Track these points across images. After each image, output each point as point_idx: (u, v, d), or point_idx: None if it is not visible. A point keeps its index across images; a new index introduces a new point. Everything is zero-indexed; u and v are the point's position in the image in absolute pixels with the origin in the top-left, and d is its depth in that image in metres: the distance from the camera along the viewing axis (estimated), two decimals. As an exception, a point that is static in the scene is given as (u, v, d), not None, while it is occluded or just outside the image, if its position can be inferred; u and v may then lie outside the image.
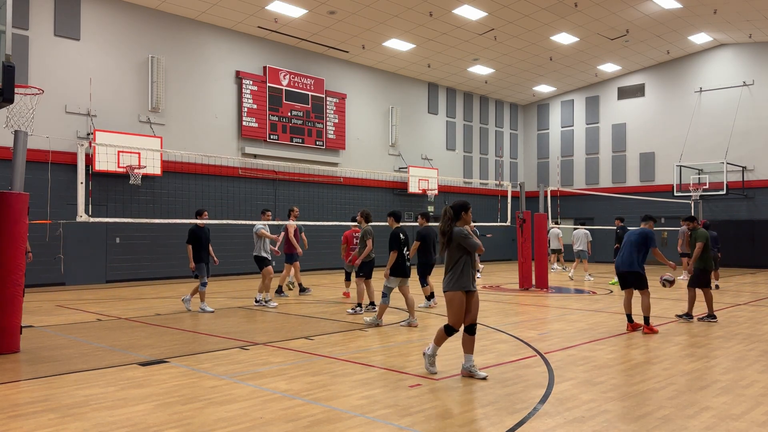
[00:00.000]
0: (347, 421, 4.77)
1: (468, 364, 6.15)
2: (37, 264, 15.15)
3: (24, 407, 5.15)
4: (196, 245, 11.23)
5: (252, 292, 14.78)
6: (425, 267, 11.83)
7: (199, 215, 11.47)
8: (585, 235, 19.17)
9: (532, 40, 23.06)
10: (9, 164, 7.99)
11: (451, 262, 6.16)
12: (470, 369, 6.13)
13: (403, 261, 9.53)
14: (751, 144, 24.94)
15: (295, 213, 13.83)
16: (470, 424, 4.68)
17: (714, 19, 22.18)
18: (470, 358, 6.18)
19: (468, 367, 6.14)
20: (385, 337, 8.51)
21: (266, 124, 20.87)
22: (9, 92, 6.90)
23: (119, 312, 11.26)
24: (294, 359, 7.04)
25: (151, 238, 18.10)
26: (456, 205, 6.26)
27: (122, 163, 16.84)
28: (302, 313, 11.06)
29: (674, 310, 11.33)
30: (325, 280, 18.58)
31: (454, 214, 6.19)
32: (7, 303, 7.35)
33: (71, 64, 16.88)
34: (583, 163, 29.99)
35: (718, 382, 5.98)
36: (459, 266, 6.12)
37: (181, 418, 4.82)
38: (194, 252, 11.23)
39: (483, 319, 10.11)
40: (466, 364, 6.17)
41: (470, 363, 6.16)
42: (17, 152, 7.56)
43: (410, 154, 26.08)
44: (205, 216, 11.50)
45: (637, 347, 7.82)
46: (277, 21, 19.90)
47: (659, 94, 27.57)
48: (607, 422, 4.74)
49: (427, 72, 25.99)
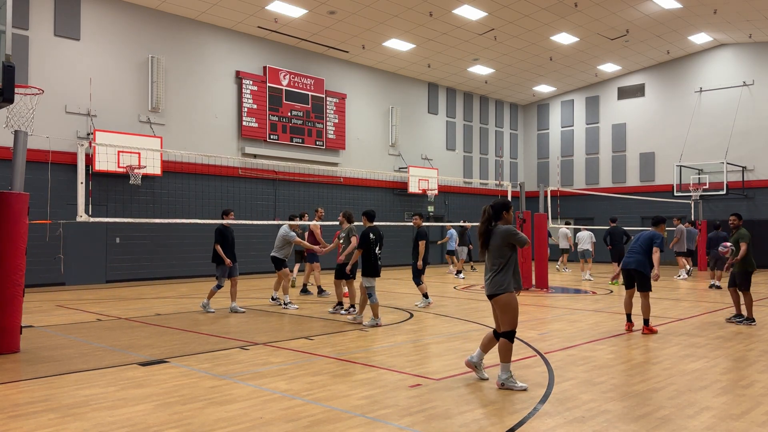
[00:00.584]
0: (347, 421, 4.77)
1: (504, 375, 5.73)
2: (37, 264, 15.18)
3: (24, 407, 5.15)
4: (224, 245, 11.14)
5: (252, 292, 14.79)
6: (423, 266, 11.93)
7: (226, 215, 11.36)
8: (590, 236, 19.29)
9: (532, 40, 23.06)
10: (9, 164, 7.99)
11: (499, 262, 5.80)
12: (506, 381, 5.71)
13: (375, 260, 9.53)
14: (751, 144, 24.94)
15: (320, 213, 13.93)
16: (470, 424, 4.68)
17: (714, 19, 22.18)
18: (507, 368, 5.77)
19: (504, 380, 5.71)
20: (385, 337, 8.51)
21: (266, 124, 20.88)
22: (9, 92, 6.90)
23: (119, 312, 11.26)
24: (294, 359, 7.04)
25: (151, 238, 18.10)
26: (497, 204, 5.96)
27: (122, 163, 16.84)
28: (302, 313, 11.06)
29: (674, 310, 11.34)
30: (325, 280, 18.55)
31: (494, 214, 5.92)
32: (7, 303, 7.35)
33: (71, 64, 16.88)
34: (583, 163, 29.99)
35: (718, 382, 5.98)
36: (510, 265, 5.82)
37: (181, 418, 4.82)
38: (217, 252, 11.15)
39: (483, 320, 10.12)
40: (503, 375, 5.73)
41: (506, 374, 5.75)
42: (17, 152, 7.56)
43: (410, 154, 26.08)
44: (231, 216, 11.45)
45: (637, 347, 7.82)
46: (277, 21, 19.90)
47: (659, 94, 27.57)
48: (607, 422, 4.74)
49: (427, 72, 26.00)
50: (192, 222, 11.97)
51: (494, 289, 5.81)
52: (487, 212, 5.92)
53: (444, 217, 26.80)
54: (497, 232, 5.86)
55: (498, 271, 5.81)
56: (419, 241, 11.88)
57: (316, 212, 14.07)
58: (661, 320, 10.07)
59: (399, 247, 23.77)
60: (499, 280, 5.80)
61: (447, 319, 10.30)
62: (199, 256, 19.05)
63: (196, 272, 19.01)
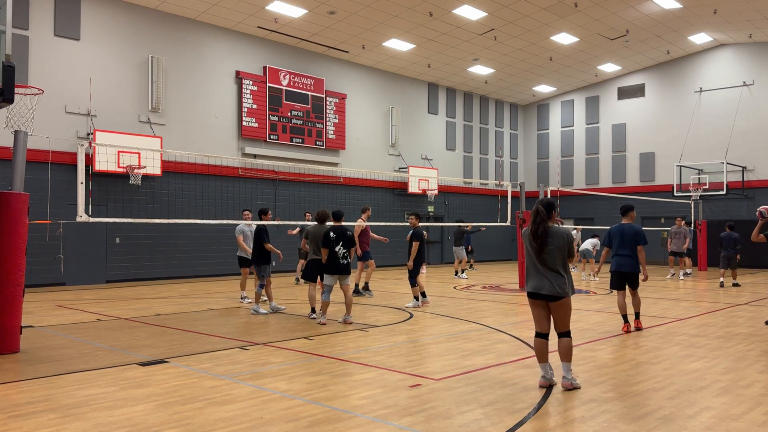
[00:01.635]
0: (347, 421, 4.77)
1: (570, 375, 5.73)
2: (37, 264, 15.18)
3: (24, 407, 5.15)
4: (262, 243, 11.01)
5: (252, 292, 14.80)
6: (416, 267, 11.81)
7: (264, 214, 11.27)
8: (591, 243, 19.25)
9: (532, 40, 23.06)
10: (9, 164, 7.99)
11: (560, 264, 5.71)
12: (573, 381, 5.72)
13: (336, 259, 9.54)
14: (751, 144, 24.94)
15: (368, 213, 13.90)
16: (470, 424, 4.68)
17: (714, 19, 22.18)
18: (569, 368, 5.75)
19: (571, 379, 5.72)
20: (385, 337, 8.51)
21: (266, 124, 20.88)
22: (9, 92, 6.90)
23: (119, 312, 11.26)
24: (294, 359, 7.04)
25: (151, 238, 18.10)
26: (548, 204, 5.75)
27: (122, 163, 16.84)
28: (302, 313, 11.05)
29: (674, 310, 11.34)
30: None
31: (547, 214, 5.73)
32: (7, 303, 7.35)
33: (71, 64, 16.88)
34: (583, 163, 29.99)
35: (718, 382, 5.98)
36: (568, 269, 5.79)
37: (181, 418, 4.82)
38: (259, 250, 11.02)
39: (483, 319, 10.12)
40: (568, 375, 5.72)
41: (571, 374, 5.75)
42: (17, 152, 7.56)
43: (410, 154, 26.08)
44: (269, 217, 11.43)
45: (637, 347, 7.82)
46: (277, 21, 19.90)
47: (659, 94, 27.57)
48: (607, 422, 4.74)
49: (427, 72, 26.00)
50: (192, 222, 11.95)
51: (560, 291, 5.69)
52: (542, 213, 5.72)
53: (444, 217, 26.80)
54: (556, 232, 5.72)
55: (564, 273, 5.72)
56: (413, 241, 11.78)
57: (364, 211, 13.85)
58: (661, 320, 10.07)
59: (399, 247, 23.69)
60: (566, 282, 5.72)
61: (447, 319, 10.30)
62: (199, 256, 19.08)
63: (196, 272, 19.01)
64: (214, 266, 19.35)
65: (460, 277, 19.11)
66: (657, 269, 22.51)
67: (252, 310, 10.96)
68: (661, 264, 25.79)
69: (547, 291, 5.70)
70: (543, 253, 5.70)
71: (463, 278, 18.87)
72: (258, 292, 10.95)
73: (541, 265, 5.75)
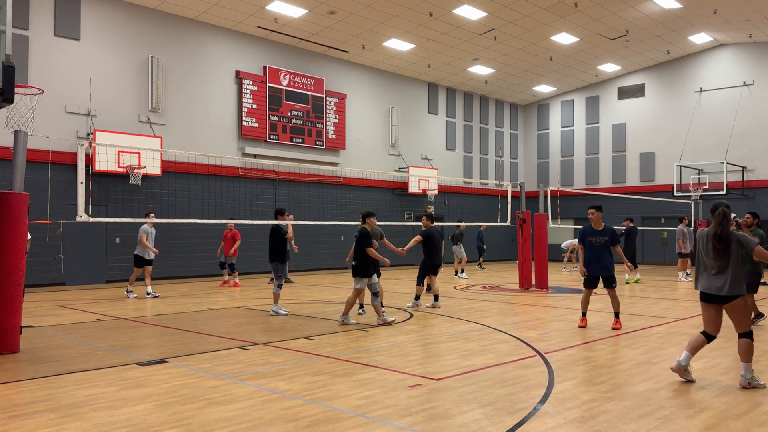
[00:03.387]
0: (347, 421, 4.77)
1: (749, 375, 5.78)
2: (37, 264, 15.18)
3: (24, 407, 5.15)
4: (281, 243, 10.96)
5: (252, 292, 14.80)
6: (430, 267, 11.95)
7: (281, 215, 11.10)
8: None
9: (532, 40, 23.06)
10: (9, 164, 7.99)
11: (737, 264, 5.77)
12: (751, 380, 5.76)
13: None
14: (751, 144, 24.94)
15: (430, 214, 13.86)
16: (470, 424, 4.68)
17: (714, 19, 22.18)
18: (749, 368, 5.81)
19: (749, 378, 5.76)
20: (385, 337, 8.51)
21: (266, 124, 20.88)
22: (9, 92, 6.90)
23: (119, 312, 11.26)
24: (294, 359, 7.04)
25: (151, 238, 18.07)
26: (728, 207, 5.85)
27: (122, 163, 16.85)
28: (302, 313, 11.06)
29: (674, 310, 11.34)
30: (325, 279, 18.58)
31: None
32: (7, 303, 7.35)
33: (71, 64, 16.88)
34: (583, 163, 29.99)
35: (718, 382, 5.98)
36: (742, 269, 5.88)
37: (181, 418, 4.82)
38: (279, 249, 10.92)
39: (483, 319, 10.12)
40: (747, 375, 5.78)
41: (750, 373, 5.79)
42: (17, 152, 7.56)
43: (410, 154, 26.08)
44: (287, 217, 11.39)
45: (637, 347, 7.82)
46: (277, 21, 19.90)
47: (659, 94, 27.57)
48: (607, 422, 4.74)
49: (427, 72, 25.99)
50: (192, 222, 11.95)
51: (738, 291, 5.76)
52: (728, 215, 5.79)
53: (444, 217, 26.80)
54: (734, 235, 5.79)
55: (738, 272, 5.78)
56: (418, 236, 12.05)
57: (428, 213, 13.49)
58: (661, 320, 10.07)
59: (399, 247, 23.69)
60: (742, 282, 5.81)
61: (447, 319, 10.31)
62: (199, 256, 19.07)
63: (196, 272, 19.01)
64: (214, 266, 19.30)
65: (460, 277, 19.12)
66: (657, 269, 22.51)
67: (272, 311, 10.79)
68: (661, 264, 25.80)
69: (723, 290, 5.78)
70: (720, 254, 5.78)
71: (463, 278, 18.88)
72: (276, 292, 10.78)
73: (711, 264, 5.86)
